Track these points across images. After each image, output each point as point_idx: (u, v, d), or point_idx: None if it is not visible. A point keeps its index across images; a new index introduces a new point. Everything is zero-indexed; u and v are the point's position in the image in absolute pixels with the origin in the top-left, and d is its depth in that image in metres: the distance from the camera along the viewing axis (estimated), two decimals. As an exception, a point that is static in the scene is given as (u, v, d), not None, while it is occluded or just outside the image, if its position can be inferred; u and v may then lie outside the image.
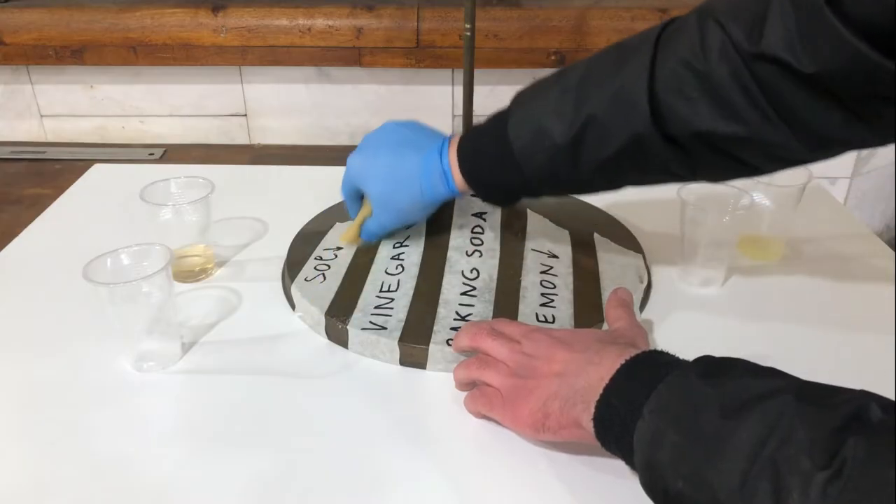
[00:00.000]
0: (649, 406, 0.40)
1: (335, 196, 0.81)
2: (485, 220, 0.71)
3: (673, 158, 0.51)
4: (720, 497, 0.35)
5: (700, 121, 0.48)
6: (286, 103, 1.06)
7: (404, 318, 0.60)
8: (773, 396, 0.37)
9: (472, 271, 0.65)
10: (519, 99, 0.58)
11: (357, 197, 0.68)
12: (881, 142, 0.47)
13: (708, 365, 0.42)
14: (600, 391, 0.44)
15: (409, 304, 0.61)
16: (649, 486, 0.40)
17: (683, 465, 0.38)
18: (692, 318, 0.64)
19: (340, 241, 0.69)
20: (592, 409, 0.44)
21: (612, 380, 0.44)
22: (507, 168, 0.57)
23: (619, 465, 0.46)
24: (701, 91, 0.48)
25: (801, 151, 0.48)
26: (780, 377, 0.39)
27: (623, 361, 0.44)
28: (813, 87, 0.43)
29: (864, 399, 0.35)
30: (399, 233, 0.69)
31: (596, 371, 0.45)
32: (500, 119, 0.58)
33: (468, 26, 0.72)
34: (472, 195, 0.64)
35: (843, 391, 0.37)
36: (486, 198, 0.63)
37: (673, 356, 0.44)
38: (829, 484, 0.32)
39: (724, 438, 0.36)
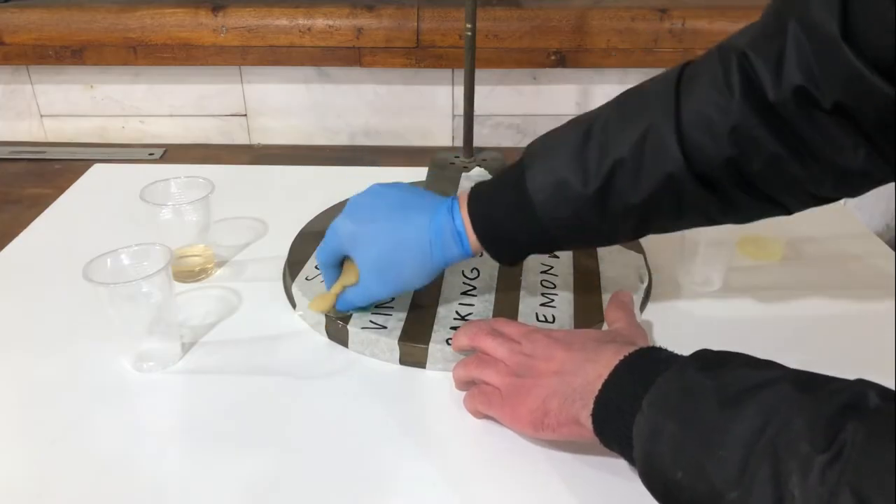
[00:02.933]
0: (648, 399, 0.41)
1: (335, 196, 0.81)
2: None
3: (705, 199, 0.50)
4: (719, 486, 0.36)
5: (726, 158, 0.47)
6: (286, 103, 1.06)
7: (404, 317, 0.60)
8: (771, 385, 0.37)
9: (472, 271, 0.65)
10: (533, 151, 0.55)
11: (337, 265, 0.60)
12: None
13: (706, 358, 0.42)
14: (598, 387, 0.44)
15: (409, 304, 0.61)
16: (648, 479, 0.41)
17: (682, 455, 0.38)
18: (692, 318, 0.64)
19: (310, 309, 0.61)
20: (591, 406, 0.44)
21: (611, 376, 0.44)
22: (527, 223, 0.54)
23: (620, 464, 0.46)
24: (727, 128, 0.47)
25: (826, 187, 0.48)
26: (778, 368, 0.40)
27: (621, 358, 0.45)
28: (834, 120, 0.43)
29: (862, 387, 0.35)
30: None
31: (594, 368, 0.45)
32: (514, 173, 0.54)
33: (469, 26, 0.73)
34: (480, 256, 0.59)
35: (841, 380, 0.37)
36: (499, 256, 0.57)
37: (670, 352, 0.45)
38: (828, 467, 0.32)
39: (722, 428, 0.36)
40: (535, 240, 0.55)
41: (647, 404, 0.41)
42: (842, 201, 1.09)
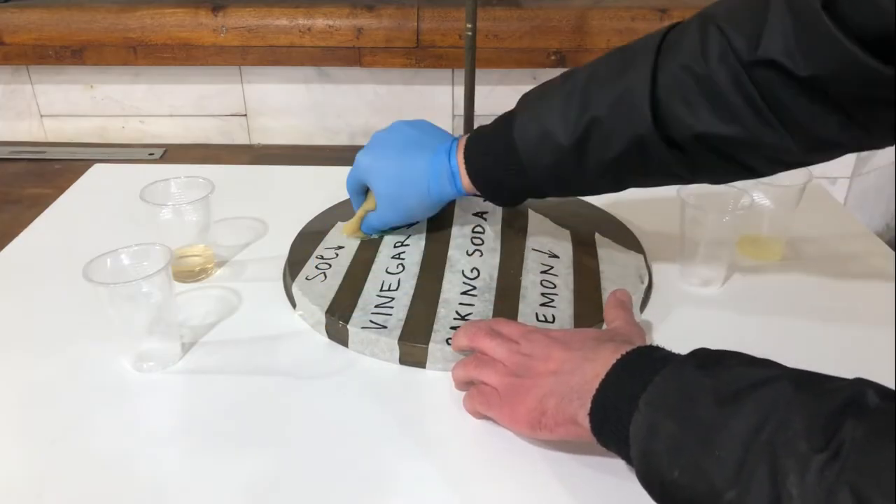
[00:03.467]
0: (645, 398, 0.41)
1: (336, 196, 0.81)
2: (486, 219, 0.71)
3: (674, 161, 0.52)
4: (716, 485, 0.35)
5: (700, 124, 0.49)
6: (286, 103, 1.06)
7: (404, 317, 0.60)
8: (769, 384, 0.37)
9: (472, 271, 0.65)
10: (524, 101, 0.59)
11: (361, 191, 0.69)
12: (878, 145, 0.48)
13: (703, 357, 0.42)
14: (596, 387, 0.44)
15: (409, 304, 0.61)
16: (645, 478, 0.40)
17: (679, 454, 0.38)
18: (692, 318, 0.64)
19: (342, 233, 0.70)
20: (588, 405, 0.44)
21: (608, 375, 0.44)
22: (512, 169, 0.58)
23: (619, 465, 0.46)
24: (701, 95, 0.49)
25: (799, 154, 0.49)
26: (776, 366, 0.40)
27: (618, 357, 0.45)
28: (810, 90, 0.44)
29: (861, 385, 0.35)
30: (400, 232, 0.69)
31: (591, 367, 0.45)
32: (505, 121, 0.59)
33: (469, 26, 0.73)
34: (477, 195, 0.64)
35: (840, 379, 0.37)
36: (492, 198, 0.63)
37: (668, 351, 0.45)
38: (826, 466, 0.32)
39: (719, 426, 0.36)
40: (521, 185, 0.60)
41: (644, 403, 0.41)
42: (842, 201, 1.09)
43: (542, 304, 0.62)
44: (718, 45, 0.47)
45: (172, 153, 1.01)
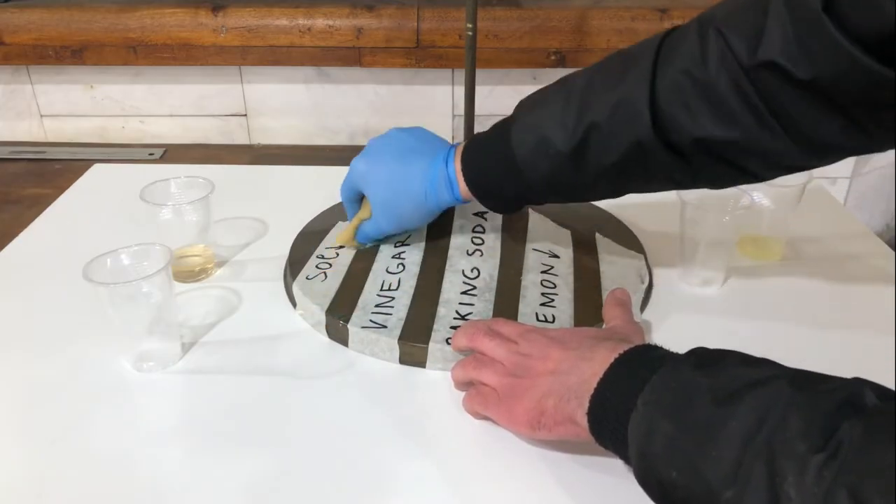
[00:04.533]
0: (643, 398, 0.41)
1: (336, 195, 0.81)
2: (486, 219, 0.71)
3: (674, 166, 0.52)
4: (714, 485, 0.35)
5: (700, 128, 0.49)
6: (286, 103, 1.06)
7: (404, 316, 0.60)
8: (766, 384, 0.37)
9: (472, 270, 0.65)
10: (522, 107, 0.59)
11: (356, 199, 0.68)
12: (879, 148, 0.48)
13: (701, 356, 0.42)
14: (594, 385, 0.44)
15: (409, 303, 0.61)
16: (643, 478, 0.40)
17: (677, 454, 0.38)
18: (692, 318, 0.64)
19: (336, 242, 0.69)
20: (586, 404, 0.44)
21: (606, 374, 0.44)
22: (510, 176, 0.58)
23: (618, 465, 0.46)
24: (701, 99, 0.48)
25: (800, 158, 0.49)
26: (774, 366, 0.40)
27: (616, 356, 0.44)
28: (810, 94, 0.44)
29: (859, 385, 0.35)
30: (400, 232, 0.69)
31: (589, 367, 0.45)
32: (503, 127, 0.59)
33: (470, 26, 0.73)
34: (474, 202, 0.63)
35: (837, 378, 0.37)
36: (490, 205, 0.62)
37: (666, 350, 0.45)
38: (824, 467, 0.32)
39: (716, 426, 0.36)
40: (519, 192, 0.59)
41: (641, 403, 0.40)
42: (842, 201, 1.09)
43: (542, 304, 0.62)
44: (718, 49, 0.47)
45: (172, 153, 1.01)
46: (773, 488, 0.33)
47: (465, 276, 0.64)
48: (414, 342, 0.57)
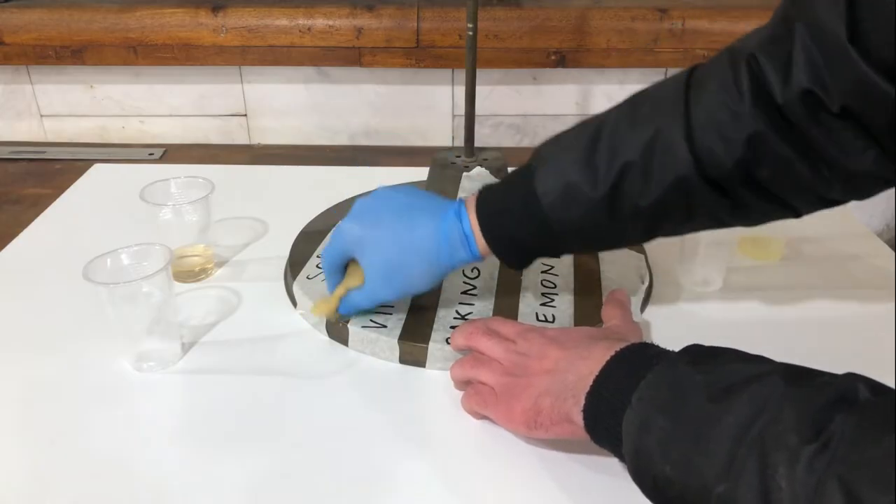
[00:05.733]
0: (638, 394, 0.41)
1: (335, 196, 0.81)
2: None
3: (715, 202, 0.50)
4: (707, 479, 0.36)
5: (737, 161, 0.47)
6: (286, 103, 1.06)
7: (404, 316, 0.60)
8: (760, 379, 0.37)
9: (472, 270, 0.65)
10: (541, 153, 0.54)
11: (341, 269, 0.59)
12: None
13: (695, 353, 0.42)
14: (590, 383, 0.44)
15: (409, 303, 0.61)
16: (637, 474, 0.41)
17: (671, 450, 0.38)
18: (692, 318, 0.64)
19: (313, 313, 0.60)
20: (582, 402, 0.44)
21: (601, 372, 0.44)
22: (535, 226, 0.53)
23: (616, 465, 0.46)
24: (738, 132, 0.47)
25: (836, 190, 0.48)
26: (768, 362, 0.40)
27: (612, 354, 0.45)
28: (842, 123, 0.43)
29: (852, 380, 0.35)
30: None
31: (585, 365, 0.45)
32: (523, 176, 0.54)
33: (470, 26, 0.72)
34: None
35: (831, 374, 0.37)
36: (508, 259, 0.56)
37: (661, 348, 0.45)
38: (815, 458, 0.32)
39: (710, 422, 0.36)
40: (543, 243, 0.54)
41: (636, 399, 0.41)
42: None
43: (542, 304, 0.62)
44: (751, 80, 0.46)
45: (172, 153, 1.01)
46: (764, 480, 0.33)
47: (465, 276, 0.64)
48: (414, 342, 0.57)
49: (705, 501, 0.36)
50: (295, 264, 0.68)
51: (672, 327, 0.63)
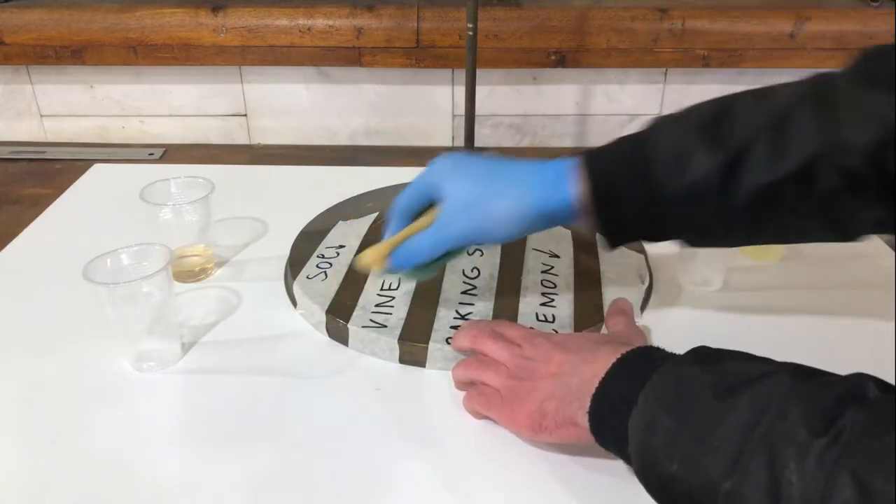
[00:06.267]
0: (644, 394, 0.41)
1: (335, 196, 0.81)
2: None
3: (836, 197, 0.46)
4: (714, 476, 0.35)
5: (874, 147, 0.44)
6: (286, 103, 1.06)
7: (404, 316, 0.60)
8: (768, 377, 0.37)
9: (472, 270, 0.65)
10: (659, 119, 0.51)
11: (413, 212, 0.55)
12: None
13: (702, 354, 0.42)
14: (595, 386, 0.44)
15: (409, 303, 0.61)
16: (643, 474, 0.40)
17: (677, 448, 0.38)
18: (692, 318, 0.64)
19: (358, 264, 0.56)
20: (587, 405, 0.44)
21: (607, 374, 0.44)
22: (641, 185, 0.49)
23: (620, 467, 0.46)
24: (879, 119, 0.44)
25: None
26: (775, 363, 0.40)
27: (617, 357, 0.45)
28: None
29: (861, 378, 0.35)
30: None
31: (590, 369, 0.45)
32: (638, 136, 0.51)
33: (470, 26, 0.72)
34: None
35: (838, 374, 0.37)
36: (604, 219, 0.51)
37: (667, 351, 0.45)
38: (826, 451, 0.31)
39: (717, 420, 0.36)
40: (646, 209, 0.49)
41: (642, 399, 0.41)
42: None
43: (543, 304, 0.62)
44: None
45: (172, 153, 1.01)
46: (773, 475, 0.33)
47: (465, 275, 0.64)
48: (414, 342, 0.57)
49: (711, 499, 0.36)
50: (295, 264, 0.68)
51: (672, 327, 0.62)
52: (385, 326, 0.59)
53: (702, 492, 0.36)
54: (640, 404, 0.41)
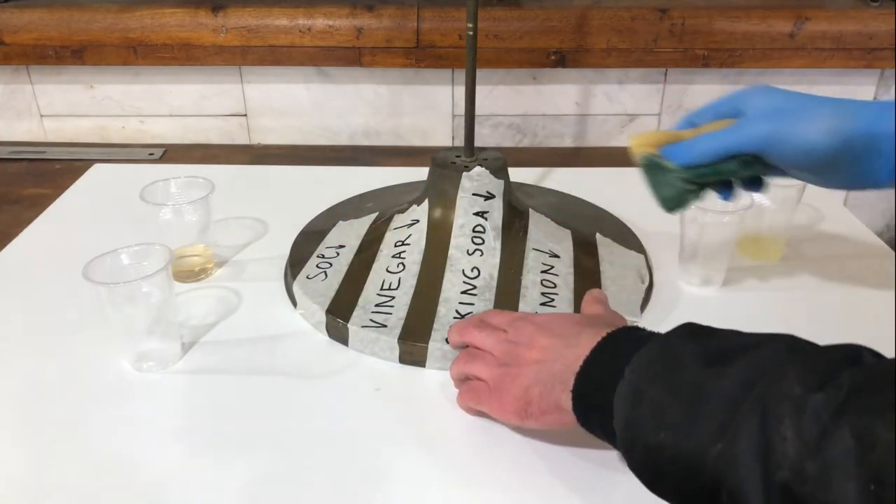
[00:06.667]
0: (630, 367, 0.40)
1: (335, 196, 0.81)
2: (486, 219, 0.70)
3: None
4: (704, 440, 0.34)
5: None
6: (286, 103, 1.06)
7: (404, 316, 0.60)
8: (763, 345, 0.36)
9: (472, 270, 0.65)
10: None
11: (712, 120, 0.53)
12: None
13: (691, 328, 0.42)
14: (579, 365, 0.44)
15: (409, 303, 0.61)
16: (627, 446, 0.39)
17: (665, 415, 0.37)
18: (692, 318, 0.63)
19: (632, 142, 0.53)
20: (571, 384, 0.43)
21: (591, 353, 0.44)
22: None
23: (619, 465, 0.46)
24: None
25: None
26: (769, 334, 0.39)
27: (600, 338, 0.44)
28: None
29: (856, 348, 0.35)
30: (401, 231, 0.69)
31: (573, 352, 0.45)
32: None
33: (470, 26, 0.72)
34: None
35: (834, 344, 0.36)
36: None
37: (651, 330, 0.44)
38: (823, 407, 0.31)
39: (708, 385, 0.35)
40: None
41: (628, 371, 0.40)
42: (841, 200, 1.09)
43: (542, 304, 0.62)
44: None
45: (172, 153, 1.01)
46: (766, 433, 0.32)
47: (465, 275, 0.64)
48: (414, 341, 0.57)
49: (701, 463, 0.34)
50: (295, 264, 0.68)
51: (672, 327, 0.62)
52: (385, 326, 0.59)
53: (691, 456, 0.35)
54: (627, 377, 0.40)
